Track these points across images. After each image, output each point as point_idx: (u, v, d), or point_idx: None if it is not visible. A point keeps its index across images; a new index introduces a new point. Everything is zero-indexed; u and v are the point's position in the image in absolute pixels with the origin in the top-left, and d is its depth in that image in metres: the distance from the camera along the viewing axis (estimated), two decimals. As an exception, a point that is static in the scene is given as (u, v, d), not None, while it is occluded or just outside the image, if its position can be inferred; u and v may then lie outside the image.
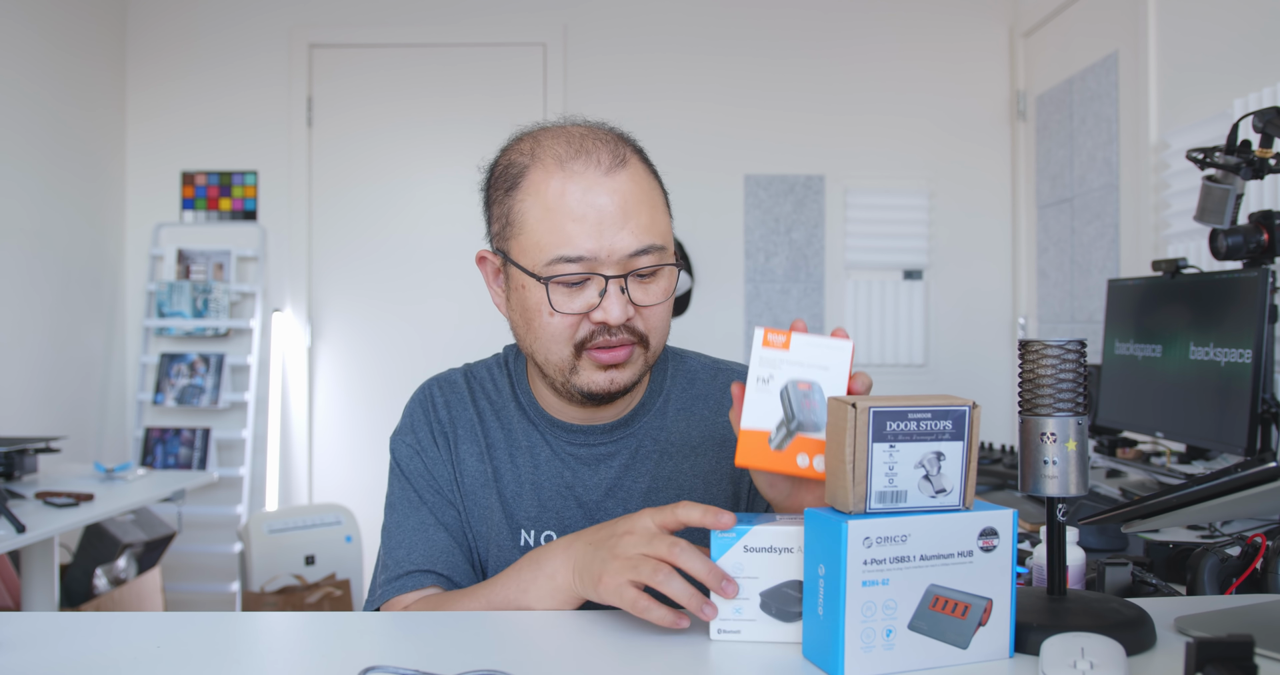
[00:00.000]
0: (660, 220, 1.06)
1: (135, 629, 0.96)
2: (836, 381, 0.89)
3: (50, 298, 3.36)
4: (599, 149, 1.04)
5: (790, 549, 0.88)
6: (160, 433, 3.68)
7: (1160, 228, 2.69)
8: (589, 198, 1.02)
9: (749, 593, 0.88)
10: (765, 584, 0.88)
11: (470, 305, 3.76)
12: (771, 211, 3.75)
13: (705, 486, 1.15)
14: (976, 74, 3.76)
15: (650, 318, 1.07)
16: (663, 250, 1.05)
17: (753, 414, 0.90)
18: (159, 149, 3.82)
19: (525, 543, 1.13)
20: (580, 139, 1.06)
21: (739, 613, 0.88)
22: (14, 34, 3.18)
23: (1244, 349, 1.70)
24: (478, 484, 1.16)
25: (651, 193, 1.07)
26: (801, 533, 0.87)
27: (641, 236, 1.03)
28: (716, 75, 3.77)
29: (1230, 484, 0.81)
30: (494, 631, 0.95)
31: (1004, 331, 3.77)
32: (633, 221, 1.02)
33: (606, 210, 1.02)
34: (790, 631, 0.88)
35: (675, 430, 1.17)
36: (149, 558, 3.11)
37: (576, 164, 1.03)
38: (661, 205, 1.08)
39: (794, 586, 0.88)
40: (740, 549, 0.88)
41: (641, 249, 1.03)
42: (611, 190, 1.02)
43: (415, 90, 3.80)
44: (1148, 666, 0.82)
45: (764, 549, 0.88)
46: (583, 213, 1.01)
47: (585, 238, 1.01)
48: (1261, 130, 1.76)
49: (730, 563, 0.88)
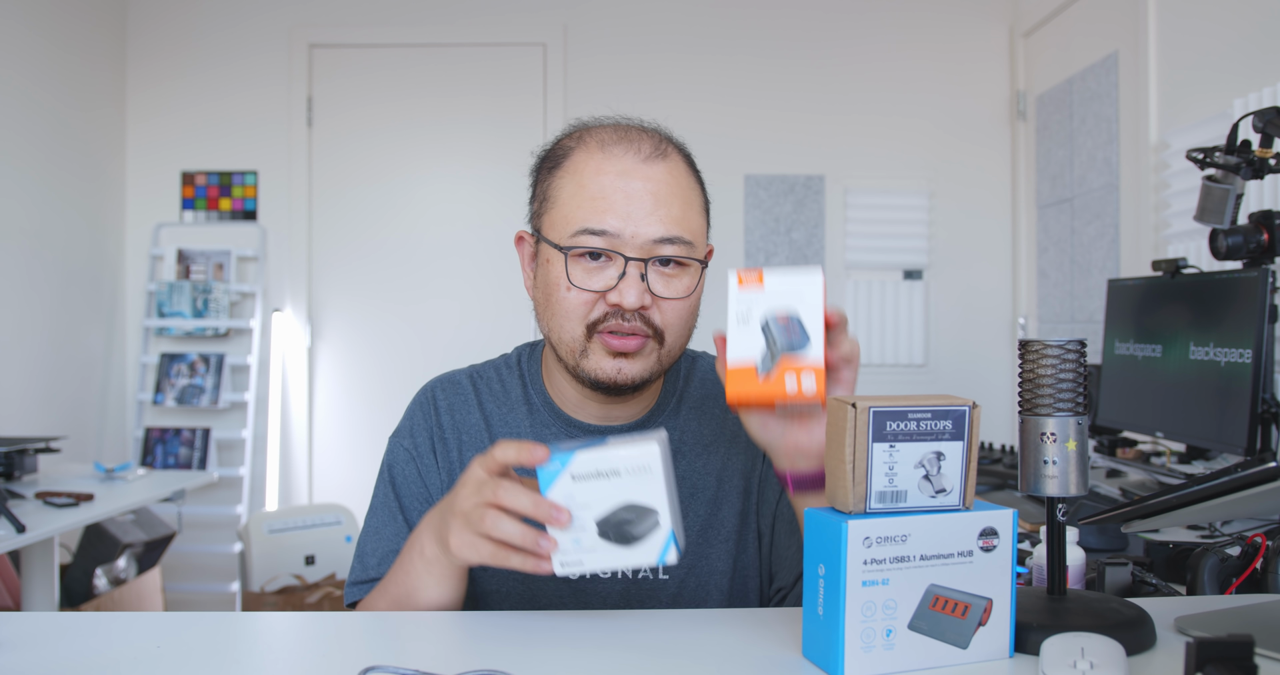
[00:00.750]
0: (692, 217, 1.07)
1: (135, 629, 0.96)
2: (812, 310, 0.90)
3: (50, 298, 3.36)
4: (642, 138, 1.06)
5: (618, 473, 0.86)
6: (160, 433, 3.68)
7: (1160, 228, 2.69)
8: (622, 181, 1.03)
9: (585, 523, 0.87)
10: (599, 512, 0.87)
11: (470, 305, 3.76)
12: (771, 211, 3.75)
13: (718, 483, 1.15)
14: (976, 74, 3.76)
15: (668, 312, 1.07)
16: (690, 245, 1.05)
17: (737, 350, 0.91)
18: (159, 149, 3.82)
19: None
20: (627, 129, 1.09)
21: (578, 543, 0.87)
22: (14, 34, 3.18)
23: (1244, 349, 1.70)
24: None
25: (689, 190, 1.07)
26: (625, 454, 0.86)
27: (670, 226, 1.03)
28: (716, 75, 3.77)
29: (1230, 484, 0.81)
30: (494, 631, 0.95)
31: (1004, 331, 3.77)
32: (663, 210, 1.03)
33: (638, 194, 1.03)
34: (634, 555, 0.87)
35: (688, 429, 1.17)
36: (149, 558, 3.11)
37: (617, 149, 1.05)
38: (697, 204, 1.09)
39: (629, 510, 0.87)
40: (568, 478, 0.87)
41: (667, 238, 1.03)
42: (646, 177, 1.04)
43: (415, 90, 3.80)
44: (1148, 666, 0.82)
45: (591, 475, 0.87)
46: (614, 193, 1.03)
47: (613, 216, 1.03)
48: (1261, 130, 1.76)
49: (560, 494, 0.87)
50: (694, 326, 1.13)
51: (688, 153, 1.12)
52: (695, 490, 1.14)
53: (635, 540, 0.87)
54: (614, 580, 1.10)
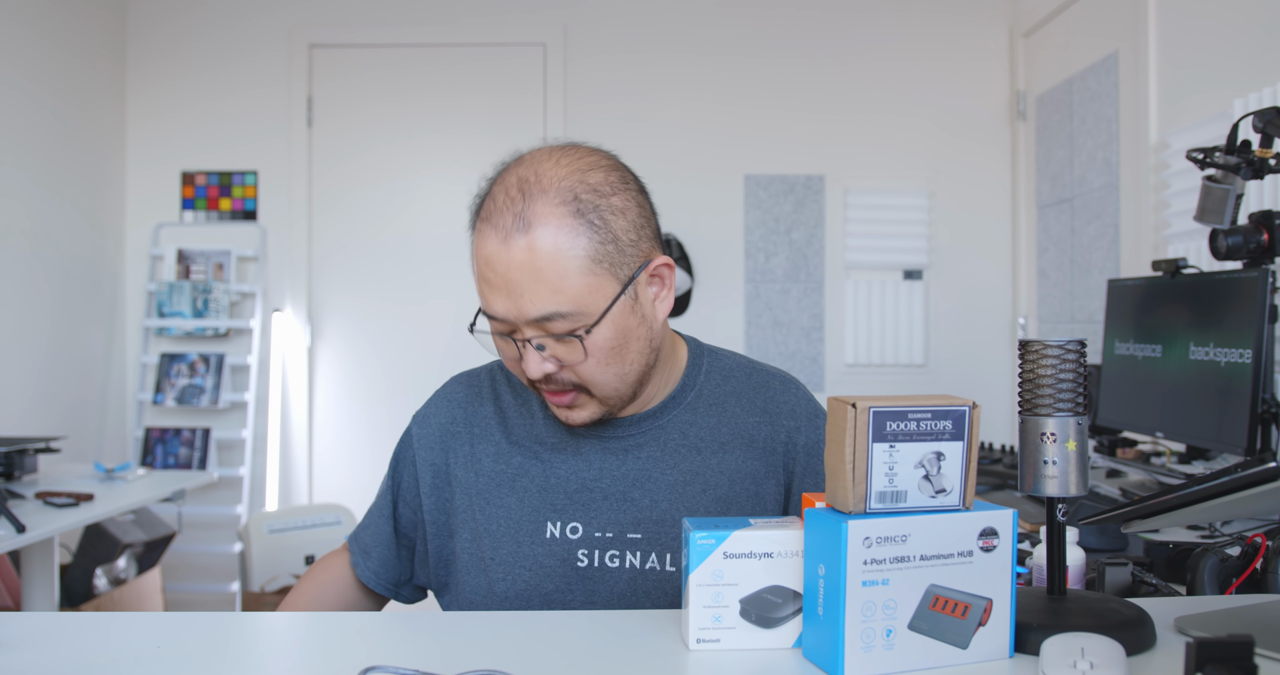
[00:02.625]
0: (570, 283, 1.00)
1: (135, 629, 0.96)
2: None
3: (50, 298, 3.36)
4: (505, 212, 1.01)
5: (770, 554, 0.87)
6: (160, 433, 3.68)
7: (1160, 228, 2.69)
8: (492, 267, 1.02)
9: (728, 600, 0.87)
10: (745, 591, 0.87)
11: (470, 305, 3.75)
12: (771, 211, 3.75)
13: (730, 483, 1.15)
14: (976, 74, 3.76)
15: (582, 370, 1.05)
16: (569, 316, 1.01)
17: None
18: (159, 149, 3.82)
19: (551, 534, 1.13)
20: (502, 194, 1.03)
21: (718, 620, 0.87)
22: (14, 34, 3.18)
23: (1244, 349, 1.70)
24: (493, 483, 1.16)
25: (559, 255, 1.00)
26: (780, 537, 0.87)
27: (540, 305, 1.01)
28: (716, 75, 3.77)
29: (1230, 484, 0.81)
30: (494, 631, 0.95)
31: (1004, 331, 3.77)
32: (529, 293, 1.00)
33: (505, 279, 1.01)
34: (771, 638, 0.87)
35: (705, 425, 1.17)
36: (149, 558, 3.11)
37: (486, 228, 1.02)
38: (574, 266, 1.00)
39: (774, 592, 0.87)
40: (720, 556, 0.87)
41: (543, 316, 1.01)
42: (508, 262, 1.00)
43: (415, 90, 3.80)
44: (1148, 666, 0.82)
45: (743, 555, 0.87)
46: (491, 276, 1.02)
47: (496, 299, 1.03)
48: (1261, 130, 1.76)
49: (709, 570, 0.87)
50: (641, 347, 1.08)
51: (566, 196, 1.01)
52: (706, 487, 1.14)
53: (775, 623, 0.87)
54: (621, 569, 1.11)
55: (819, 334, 3.75)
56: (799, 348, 3.74)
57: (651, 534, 1.11)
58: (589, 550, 1.12)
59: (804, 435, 1.18)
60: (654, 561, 1.11)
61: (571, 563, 1.12)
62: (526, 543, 1.13)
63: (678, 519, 1.12)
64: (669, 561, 1.11)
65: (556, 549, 1.12)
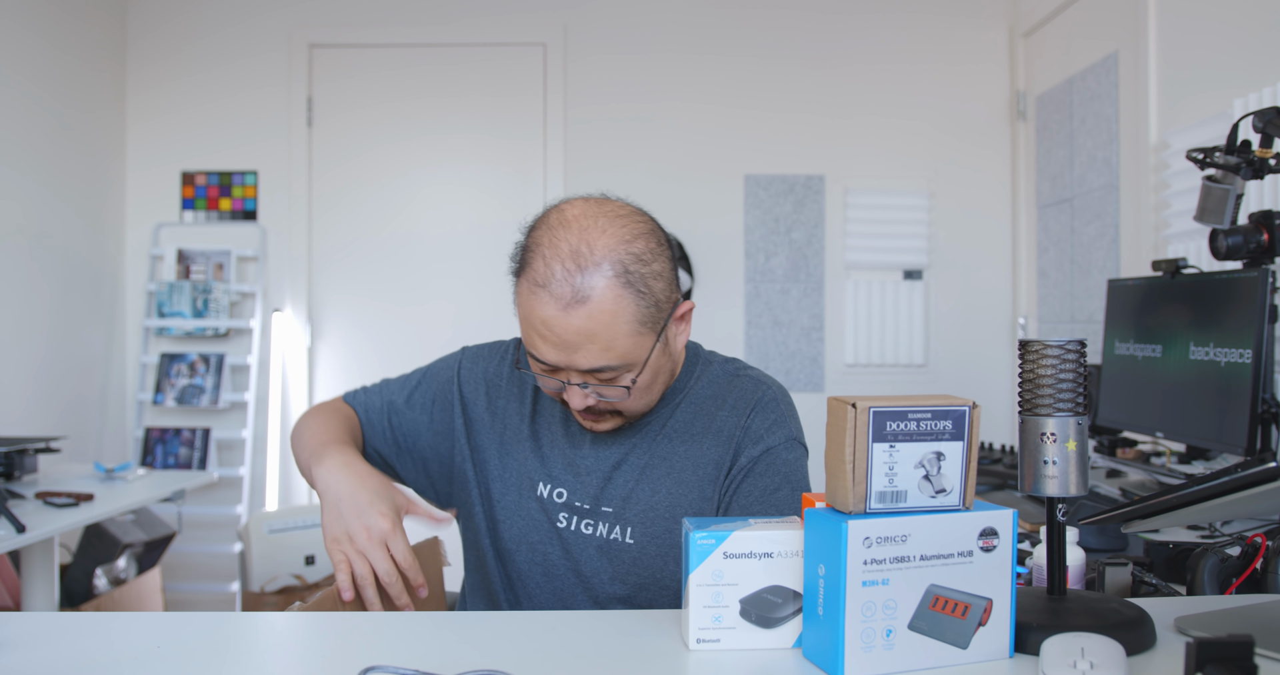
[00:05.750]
0: (620, 343, 1.14)
1: (135, 629, 0.96)
2: None
3: (50, 298, 3.36)
4: (563, 283, 1.11)
5: (770, 554, 0.87)
6: (160, 433, 3.68)
7: (1160, 228, 2.69)
8: (548, 329, 1.13)
9: (728, 600, 0.87)
10: (745, 590, 0.87)
11: (469, 305, 3.76)
12: (771, 211, 3.75)
13: (694, 468, 1.26)
14: (976, 74, 3.76)
15: (619, 400, 1.19)
16: (618, 370, 1.16)
17: None
18: (159, 149, 3.82)
19: (540, 493, 1.29)
20: (559, 265, 1.12)
21: (718, 620, 0.87)
22: (14, 34, 3.18)
23: (1244, 349, 1.70)
24: (513, 440, 1.32)
25: (612, 323, 1.12)
26: (780, 537, 0.87)
27: (593, 360, 1.14)
28: (716, 75, 3.77)
29: (1230, 484, 0.81)
30: (494, 631, 0.95)
31: (1004, 331, 3.77)
32: (583, 352, 1.13)
33: (564, 338, 1.13)
34: (771, 638, 0.87)
35: (681, 418, 1.29)
36: (149, 558, 3.11)
37: (543, 295, 1.12)
38: (625, 328, 1.13)
39: (774, 592, 0.87)
40: (720, 556, 0.87)
41: (594, 369, 1.15)
42: (565, 327, 1.12)
43: (415, 90, 3.80)
44: (1148, 666, 0.82)
45: (743, 555, 0.87)
46: (545, 334, 1.14)
47: (549, 351, 1.14)
48: (1261, 130, 1.76)
49: (709, 569, 0.87)
50: (665, 377, 1.24)
51: (622, 263, 1.13)
52: (671, 469, 1.26)
53: (775, 623, 0.87)
54: (593, 537, 1.26)
55: (819, 334, 3.75)
56: (799, 348, 3.74)
57: (619, 509, 1.26)
58: (569, 515, 1.27)
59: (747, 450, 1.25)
60: (617, 533, 1.25)
61: (553, 522, 1.28)
62: (527, 494, 1.29)
63: (642, 497, 1.25)
64: (629, 534, 1.25)
65: (545, 506, 1.28)
